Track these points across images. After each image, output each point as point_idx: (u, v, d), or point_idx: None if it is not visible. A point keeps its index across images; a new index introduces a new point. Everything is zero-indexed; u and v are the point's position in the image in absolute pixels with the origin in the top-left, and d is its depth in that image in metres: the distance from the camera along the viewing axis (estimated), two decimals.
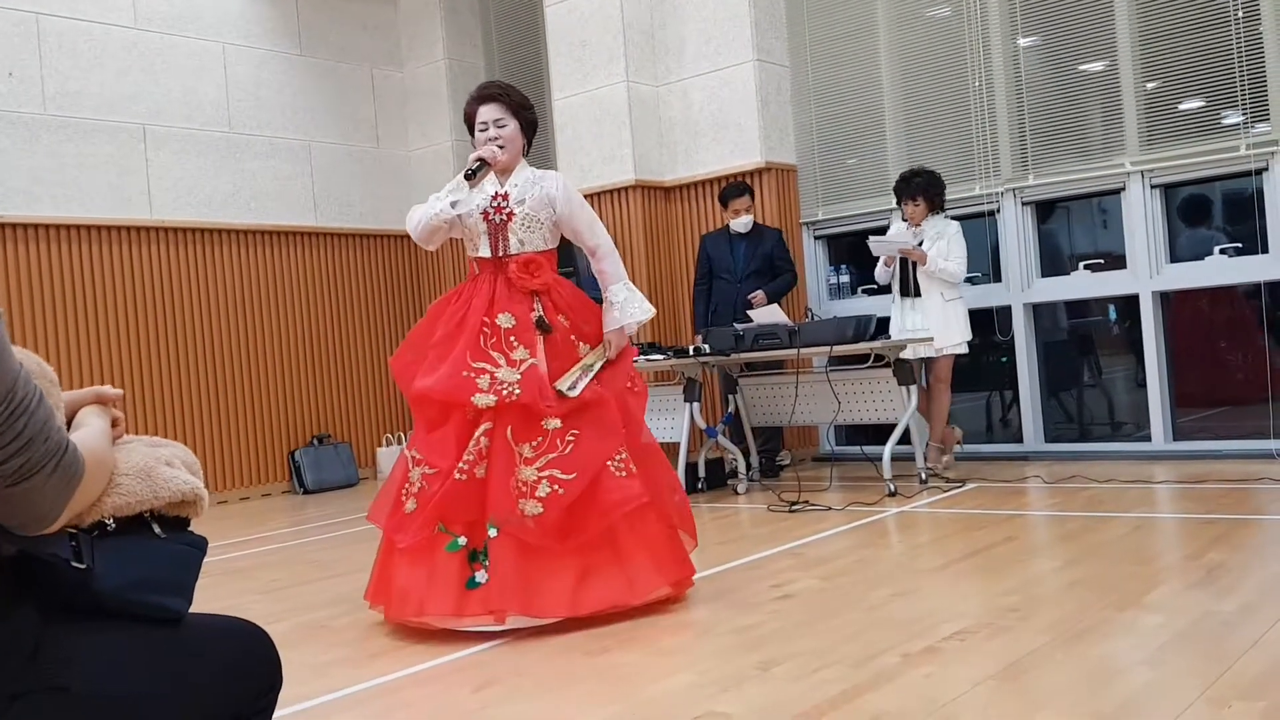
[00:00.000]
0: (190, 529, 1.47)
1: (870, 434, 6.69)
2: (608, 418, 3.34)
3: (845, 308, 6.76)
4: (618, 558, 3.25)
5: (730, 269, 6.42)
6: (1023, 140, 6.26)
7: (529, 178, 3.51)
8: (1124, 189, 5.97)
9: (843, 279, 7.05)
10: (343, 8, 8.33)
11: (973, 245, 6.00)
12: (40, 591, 1.31)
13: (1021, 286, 6.29)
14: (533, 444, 3.25)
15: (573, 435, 3.27)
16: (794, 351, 5.51)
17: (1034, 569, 3.52)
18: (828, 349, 5.43)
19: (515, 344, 3.32)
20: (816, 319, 5.93)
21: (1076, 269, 6.22)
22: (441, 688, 2.76)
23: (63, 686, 1.26)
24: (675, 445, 5.83)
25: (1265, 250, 5.60)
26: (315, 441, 7.82)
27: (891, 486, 5.26)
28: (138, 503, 1.37)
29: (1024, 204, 6.31)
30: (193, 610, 1.43)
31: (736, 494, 5.81)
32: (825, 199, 7.03)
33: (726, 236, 6.46)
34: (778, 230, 6.55)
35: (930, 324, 5.83)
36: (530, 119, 3.55)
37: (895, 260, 5.98)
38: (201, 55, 7.46)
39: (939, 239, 5.85)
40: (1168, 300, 6.01)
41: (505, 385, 3.25)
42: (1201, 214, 6.10)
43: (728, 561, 4.01)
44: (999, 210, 6.30)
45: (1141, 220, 5.92)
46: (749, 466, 6.05)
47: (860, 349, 5.46)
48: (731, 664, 2.72)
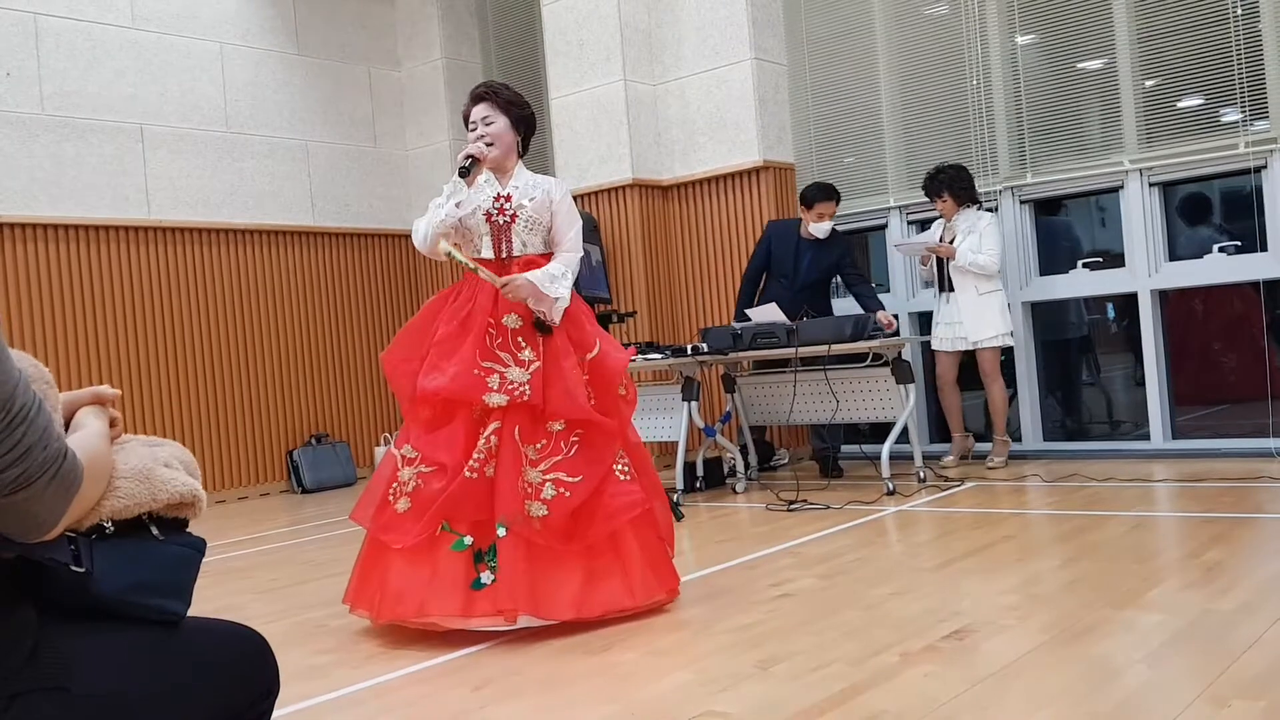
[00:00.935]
0: (189, 530, 1.47)
1: (869, 433, 6.69)
2: (608, 425, 3.32)
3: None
4: (620, 562, 3.25)
5: (789, 273, 6.13)
6: (1021, 138, 6.26)
7: (529, 181, 3.51)
8: (1122, 187, 5.98)
9: None
10: (340, 7, 8.32)
11: None
12: (39, 593, 1.30)
13: (1020, 285, 6.29)
14: (537, 446, 3.25)
15: (576, 437, 3.27)
16: (792, 351, 5.51)
17: (1033, 568, 3.52)
18: (826, 348, 5.43)
19: (523, 345, 3.31)
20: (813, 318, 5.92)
21: (1075, 267, 6.23)
22: (439, 687, 2.75)
23: (62, 687, 1.26)
24: (674, 444, 5.83)
25: (1264, 248, 5.60)
26: (313, 441, 7.82)
27: (890, 485, 5.26)
28: (136, 505, 1.36)
29: (1022, 202, 6.32)
30: (192, 612, 1.43)
31: (735, 493, 5.81)
32: None
33: (796, 237, 6.15)
34: (849, 239, 6.27)
35: (964, 318, 5.85)
36: (521, 115, 3.53)
37: (931, 258, 6.00)
38: (199, 55, 7.46)
39: (970, 233, 5.87)
40: (1166, 299, 6.01)
41: (516, 385, 3.25)
42: (1200, 212, 6.10)
43: (726, 560, 4.00)
44: (997, 208, 6.29)
45: (1140, 218, 5.92)
46: (747, 465, 6.05)
47: (859, 348, 5.45)
48: (730, 663, 2.72)
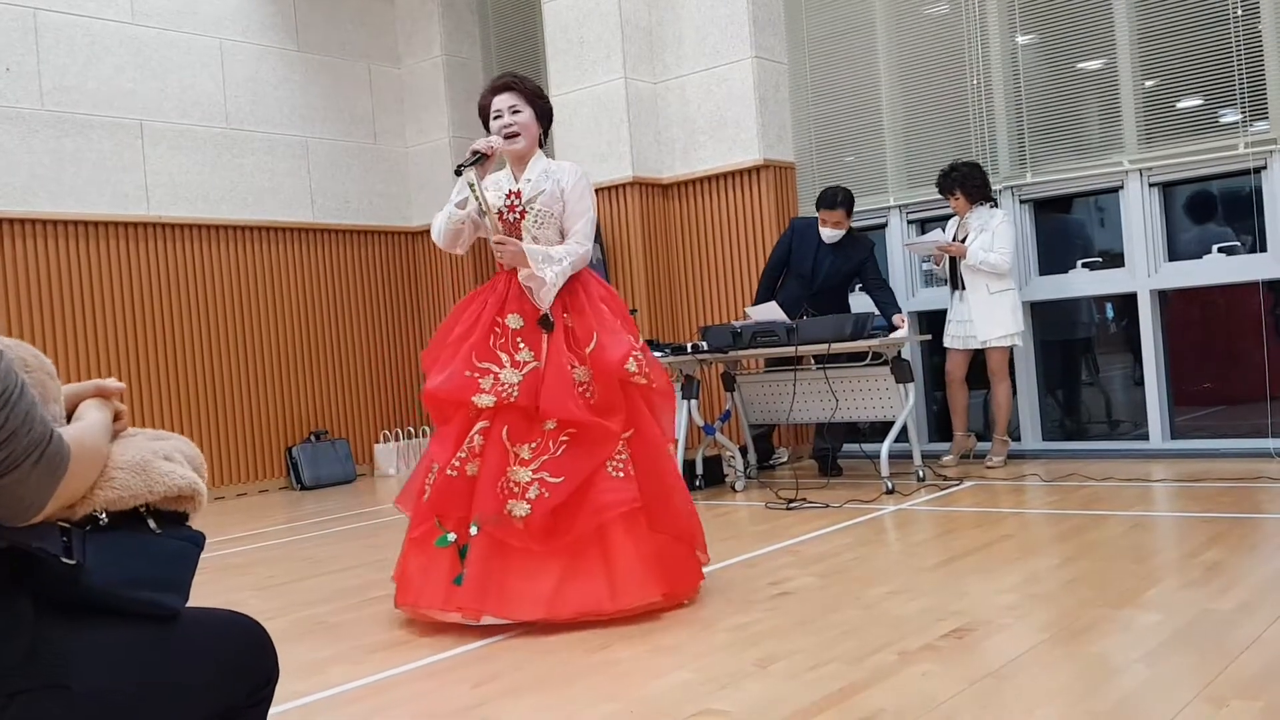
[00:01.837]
0: (189, 524, 1.46)
1: (869, 432, 6.69)
2: (600, 426, 3.30)
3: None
4: (605, 562, 3.21)
5: (806, 273, 6.10)
6: (1021, 138, 6.26)
7: (543, 170, 3.51)
8: (1122, 187, 5.98)
9: None
10: (340, 4, 8.31)
11: None
12: (34, 586, 1.30)
13: (1020, 284, 6.28)
14: (531, 445, 3.26)
15: (566, 437, 3.27)
16: (792, 349, 5.51)
17: (1031, 567, 3.52)
18: (826, 346, 5.43)
19: (521, 345, 3.34)
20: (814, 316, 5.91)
21: (1075, 267, 6.23)
22: (440, 684, 2.75)
23: (61, 684, 1.26)
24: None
25: (1263, 249, 5.60)
26: (313, 438, 7.81)
27: (889, 484, 5.26)
28: (131, 497, 1.36)
29: (1022, 201, 6.32)
30: (189, 604, 1.42)
31: (734, 491, 5.81)
32: None
33: (816, 238, 6.10)
34: (871, 243, 6.21)
35: (975, 317, 5.85)
36: (545, 108, 3.57)
37: (944, 257, 6.00)
38: (199, 51, 7.45)
39: (983, 231, 5.87)
40: (1165, 299, 6.01)
41: (506, 387, 3.27)
42: (1200, 212, 6.10)
43: (725, 559, 4.00)
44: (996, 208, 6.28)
45: (1140, 218, 5.92)
46: (746, 464, 6.05)
47: (858, 347, 5.45)
48: (729, 661, 2.72)
